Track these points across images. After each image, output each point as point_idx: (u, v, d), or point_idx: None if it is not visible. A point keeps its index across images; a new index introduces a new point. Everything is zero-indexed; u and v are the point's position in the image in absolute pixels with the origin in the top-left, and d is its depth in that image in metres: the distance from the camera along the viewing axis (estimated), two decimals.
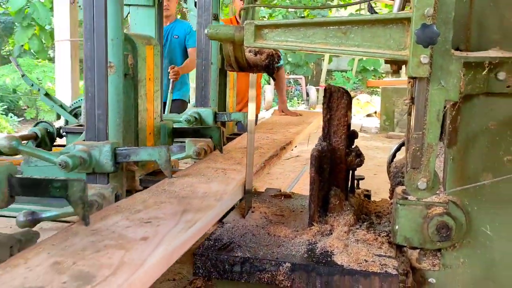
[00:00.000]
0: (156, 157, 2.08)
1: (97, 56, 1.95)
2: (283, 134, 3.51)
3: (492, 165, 1.58)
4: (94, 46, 1.94)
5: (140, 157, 2.08)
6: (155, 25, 2.51)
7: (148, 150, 2.10)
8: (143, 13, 2.61)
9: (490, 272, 1.62)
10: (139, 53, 2.42)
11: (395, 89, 10.45)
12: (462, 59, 1.41)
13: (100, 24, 1.94)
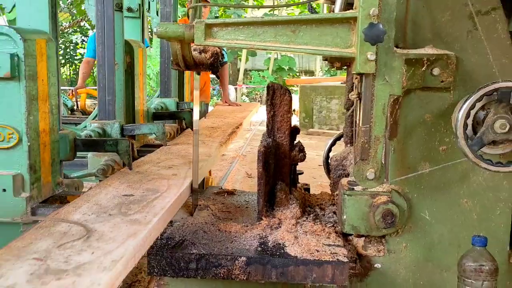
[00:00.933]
0: (154, 131, 2.79)
1: (107, 56, 2.64)
2: (233, 118, 4.38)
3: (429, 155, 1.71)
4: (105, 49, 2.63)
5: (142, 131, 2.80)
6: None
7: (149, 125, 2.86)
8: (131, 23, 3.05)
9: (430, 254, 1.75)
10: (135, 54, 3.12)
11: (313, 87, 10.79)
12: (403, 56, 1.51)
13: (109, 33, 2.62)
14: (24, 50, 1.92)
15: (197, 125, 2.07)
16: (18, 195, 1.94)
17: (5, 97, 1.93)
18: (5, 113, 1.93)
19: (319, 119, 10.50)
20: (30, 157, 1.97)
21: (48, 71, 2.07)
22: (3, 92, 1.92)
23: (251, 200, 2.27)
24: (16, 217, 1.94)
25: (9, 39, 1.91)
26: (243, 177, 6.02)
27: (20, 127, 1.94)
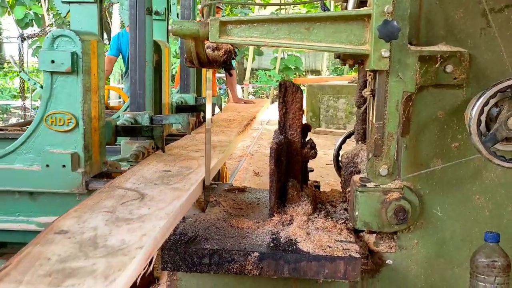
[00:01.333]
0: (180, 121, 3.11)
1: (139, 55, 2.92)
2: (246, 112, 4.85)
3: (441, 152, 1.72)
4: (137, 49, 2.91)
5: (169, 121, 3.13)
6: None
7: (175, 116, 3.23)
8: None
9: (441, 250, 1.76)
10: (162, 53, 3.42)
11: (320, 86, 10.79)
12: (417, 53, 1.52)
13: (141, 34, 2.91)
14: (81, 49, 2.28)
15: (210, 123, 2.09)
16: (75, 170, 2.32)
17: (65, 89, 2.31)
18: (66, 102, 2.31)
19: (326, 118, 10.50)
20: (85, 139, 2.35)
21: (98, 67, 2.42)
22: (64, 84, 2.30)
23: (262, 197, 2.28)
24: (73, 188, 2.32)
25: (70, 40, 2.28)
26: (251, 176, 6.03)
27: (77, 113, 2.32)
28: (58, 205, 2.34)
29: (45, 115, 2.33)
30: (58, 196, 2.36)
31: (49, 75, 2.30)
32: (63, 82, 2.30)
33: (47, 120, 2.32)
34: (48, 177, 2.31)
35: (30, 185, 2.35)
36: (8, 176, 2.35)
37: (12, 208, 2.40)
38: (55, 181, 2.32)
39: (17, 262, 1.24)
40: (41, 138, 2.34)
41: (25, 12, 16.18)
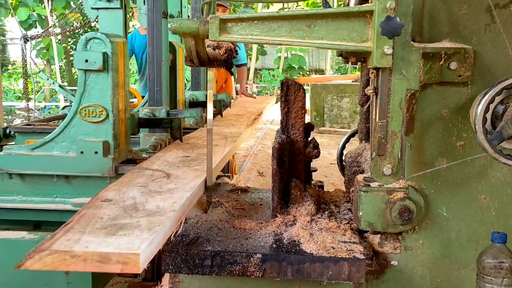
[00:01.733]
0: (194, 115, 3.57)
1: (156, 55, 3.27)
2: (253, 108, 5.29)
3: (446, 151, 1.69)
4: (154, 50, 3.25)
5: (184, 115, 3.52)
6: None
7: (189, 110, 3.68)
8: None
9: (447, 251, 1.73)
10: (177, 52, 3.77)
11: (324, 85, 10.75)
12: (421, 49, 1.49)
13: (158, 36, 3.26)
14: (111, 49, 2.56)
15: (211, 124, 2.07)
16: (106, 157, 2.60)
17: (97, 84, 2.60)
18: (97, 96, 2.60)
19: (330, 118, 10.46)
20: (114, 129, 2.64)
21: (124, 66, 2.72)
22: (96, 80, 2.60)
23: (265, 197, 2.26)
24: (104, 172, 2.61)
25: (101, 41, 2.56)
26: (255, 176, 6.01)
27: (107, 106, 2.60)
28: (91, 187, 2.63)
29: (79, 108, 2.63)
30: (91, 179, 2.66)
31: (83, 72, 2.60)
32: (95, 78, 2.60)
33: (81, 112, 2.63)
34: (82, 163, 2.62)
35: (66, 170, 2.67)
36: (47, 162, 2.66)
37: (50, 190, 2.71)
38: (88, 166, 2.62)
39: (77, 220, 1.55)
40: (75, 128, 2.65)
41: (29, 13, 16.22)
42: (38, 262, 1.35)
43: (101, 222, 1.54)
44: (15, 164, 2.67)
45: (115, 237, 1.41)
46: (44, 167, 2.66)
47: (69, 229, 1.49)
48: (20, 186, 2.72)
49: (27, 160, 2.66)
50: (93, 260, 1.34)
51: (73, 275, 2.24)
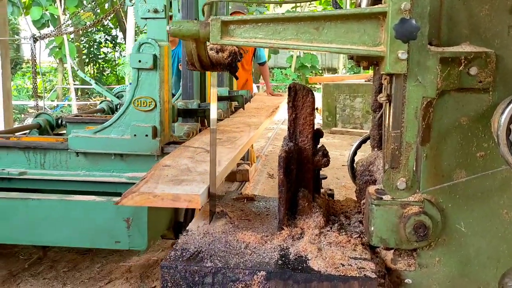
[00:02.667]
0: (221, 107, 4.43)
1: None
2: (271, 103, 6.00)
3: (465, 162, 1.57)
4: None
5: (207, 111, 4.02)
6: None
7: (218, 103, 3.84)
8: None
9: (466, 269, 1.61)
10: None
11: (336, 85, 10.60)
12: (438, 54, 1.38)
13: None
14: (159, 52, 3.24)
15: (215, 124, 1.98)
16: (154, 139, 3.28)
17: (148, 80, 3.29)
18: (148, 90, 3.29)
19: (342, 118, 10.31)
20: (160, 116, 3.33)
21: (168, 65, 3.37)
22: (147, 77, 3.29)
23: (271, 206, 2.16)
24: (152, 151, 3.28)
25: (151, 45, 3.26)
26: (265, 178, 5.90)
27: (156, 98, 3.29)
28: (142, 164, 3.32)
29: (133, 99, 3.30)
30: (141, 157, 3.33)
31: (136, 70, 3.28)
32: (146, 75, 3.28)
33: (135, 103, 3.30)
34: (135, 144, 3.28)
35: (121, 149, 3.33)
36: (106, 143, 3.33)
37: (108, 166, 3.39)
38: (140, 146, 3.28)
39: (150, 176, 2.19)
40: (130, 115, 3.32)
41: (42, 12, 16.26)
42: (131, 200, 2.03)
43: (167, 178, 2.28)
44: (81, 144, 3.36)
45: (180, 185, 2.12)
46: (104, 147, 3.33)
47: (146, 181, 2.20)
48: (83, 162, 3.42)
49: (90, 141, 3.35)
50: (168, 199, 2.02)
51: (133, 229, 2.74)
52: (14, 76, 18.38)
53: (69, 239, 2.83)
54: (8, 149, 3.44)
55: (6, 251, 3.62)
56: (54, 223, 2.79)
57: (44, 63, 20.32)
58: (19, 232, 2.83)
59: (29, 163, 3.46)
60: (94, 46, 22.77)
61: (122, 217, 2.72)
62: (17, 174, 3.37)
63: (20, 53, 22.93)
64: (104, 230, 2.77)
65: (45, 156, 3.45)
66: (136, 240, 2.75)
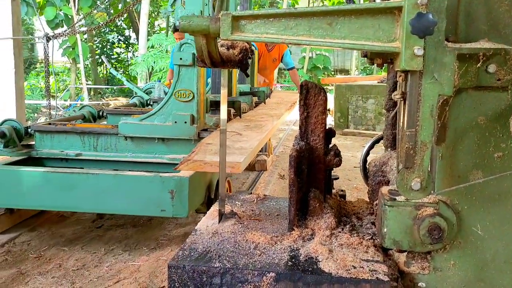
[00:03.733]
0: (246, 100, 5.18)
1: None
2: (289, 99, 6.93)
3: (482, 162, 1.52)
4: None
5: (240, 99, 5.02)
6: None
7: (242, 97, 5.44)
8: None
9: (482, 273, 1.56)
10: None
11: (348, 86, 10.53)
12: (456, 50, 1.33)
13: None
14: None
15: (225, 124, 1.95)
16: (192, 125, 3.93)
17: (187, 75, 3.95)
18: (187, 83, 3.94)
19: (354, 119, 10.24)
20: (197, 106, 3.95)
21: None
22: (186, 72, 3.95)
23: (282, 207, 2.12)
24: (190, 136, 3.93)
25: (191, 45, 3.84)
26: (276, 179, 5.86)
27: (193, 90, 3.94)
28: (181, 147, 3.97)
29: (174, 91, 3.94)
30: (181, 141, 3.97)
31: (177, 67, 3.94)
32: (185, 71, 3.94)
33: (176, 94, 3.94)
34: (176, 129, 3.92)
35: (164, 134, 3.97)
36: (151, 128, 3.98)
37: (152, 149, 4.03)
38: (180, 132, 3.92)
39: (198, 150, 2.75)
40: (171, 105, 3.95)
41: (56, 13, 16.37)
42: (186, 166, 2.91)
43: (212, 151, 3.11)
44: (129, 130, 4.00)
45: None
46: (148, 132, 3.97)
47: (196, 153, 3.03)
48: (130, 146, 4.06)
49: (137, 127, 3.99)
50: (215, 165, 2.81)
51: (176, 200, 3.31)
52: (28, 76, 18.52)
53: (123, 207, 3.42)
54: (67, 134, 4.14)
55: (16, 249, 3.62)
56: (110, 194, 3.37)
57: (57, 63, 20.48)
58: (80, 201, 3.43)
59: (84, 146, 4.13)
60: (107, 46, 22.88)
61: (167, 189, 3.31)
62: (74, 155, 4.09)
63: (34, 53, 23.12)
64: (151, 200, 3.33)
65: (98, 140, 4.11)
66: (179, 209, 3.32)
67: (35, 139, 4.18)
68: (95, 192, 3.37)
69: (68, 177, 3.43)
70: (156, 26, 23.52)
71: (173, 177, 3.32)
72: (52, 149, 4.13)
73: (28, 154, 4.07)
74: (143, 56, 16.06)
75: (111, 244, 3.76)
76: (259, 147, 3.60)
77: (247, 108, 5.20)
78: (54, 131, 4.15)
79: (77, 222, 4.30)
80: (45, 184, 3.42)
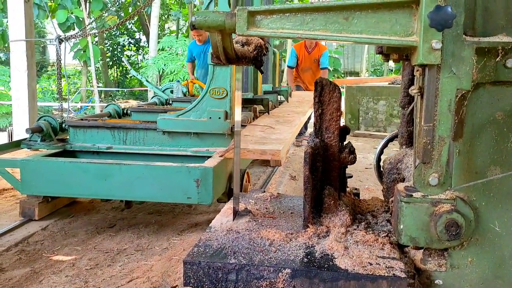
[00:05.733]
0: (271, 99, 5.46)
1: None
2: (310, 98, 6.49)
3: (500, 158, 1.51)
4: None
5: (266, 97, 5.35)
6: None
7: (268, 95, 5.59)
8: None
9: (500, 270, 1.54)
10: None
11: (359, 87, 10.49)
12: (474, 44, 1.32)
13: None
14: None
15: (239, 126, 1.95)
16: (225, 120, 4.20)
17: (221, 74, 4.18)
18: (221, 81, 4.19)
19: (365, 121, 10.19)
20: (230, 103, 4.17)
21: None
22: (220, 71, 4.17)
23: (296, 205, 2.11)
24: (224, 131, 4.19)
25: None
26: (287, 180, 5.85)
27: (227, 87, 4.18)
28: (215, 141, 4.26)
29: (209, 89, 4.19)
30: (215, 135, 4.25)
31: (212, 66, 4.18)
32: (220, 70, 4.16)
33: (210, 92, 4.18)
34: (210, 124, 4.21)
35: (199, 129, 4.26)
36: (187, 124, 4.27)
37: (187, 143, 4.32)
38: (214, 127, 4.20)
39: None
40: (206, 102, 4.22)
41: (67, 15, 16.48)
42: (231, 154, 3.37)
43: (251, 142, 3.43)
44: (166, 125, 4.29)
45: (264, 145, 3.13)
46: (185, 127, 4.26)
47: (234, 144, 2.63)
48: (168, 140, 4.35)
49: (174, 122, 4.28)
50: (257, 153, 3.24)
51: (201, 188, 3.56)
52: (40, 79, 18.66)
53: (152, 195, 3.73)
54: (98, 128, 4.47)
55: (30, 248, 3.64)
56: (141, 183, 3.66)
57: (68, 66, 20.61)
58: (114, 189, 3.74)
59: (114, 140, 4.43)
60: (118, 49, 23.02)
61: (193, 178, 3.56)
62: (105, 148, 4.41)
63: (46, 56, 23.31)
64: (178, 188, 3.61)
65: (127, 134, 4.42)
66: (204, 197, 3.58)
67: (69, 134, 4.52)
68: (127, 181, 3.67)
69: (103, 167, 3.73)
70: (167, 28, 23.62)
71: (199, 167, 3.57)
72: (85, 142, 4.48)
73: (63, 147, 4.40)
74: (153, 58, 16.13)
75: (123, 243, 3.76)
76: (292, 137, 4.16)
77: (272, 106, 5.55)
78: (87, 126, 4.48)
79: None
80: (81, 174, 3.75)
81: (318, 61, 8.38)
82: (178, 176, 3.60)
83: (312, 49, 8.35)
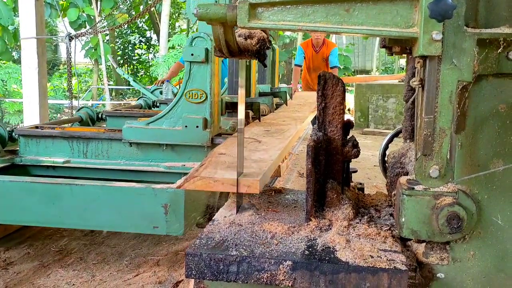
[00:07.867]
0: (266, 101, 4.63)
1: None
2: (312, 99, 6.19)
3: (502, 151, 1.49)
4: None
5: (259, 100, 4.39)
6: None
7: (262, 98, 4.75)
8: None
9: (502, 264, 1.54)
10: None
11: (369, 85, 10.46)
12: (476, 35, 1.31)
13: None
14: (211, 46, 3.30)
15: (243, 124, 1.95)
16: (205, 130, 3.38)
17: (200, 73, 3.36)
18: (199, 82, 3.37)
19: (375, 119, 10.16)
20: (211, 108, 3.39)
21: (218, 59, 3.44)
22: (198, 70, 3.36)
23: (299, 199, 2.11)
24: (203, 142, 3.38)
25: (204, 39, 3.33)
26: (295, 177, 5.85)
27: (207, 90, 3.37)
28: (192, 154, 3.45)
29: (184, 91, 3.38)
30: (192, 148, 3.43)
31: (188, 64, 3.36)
32: (197, 68, 3.36)
33: (186, 95, 3.38)
34: (186, 134, 3.38)
35: (173, 140, 3.43)
36: (158, 133, 3.44)
37: (158, 157, 3.51)
38: (191, 137, 3.38)
39: (208, 163, 2.20)
40: (181, 107, 3.41)
41: (78, 14, 16.58)
42: (192, 184, 2.04)
43: (225, 165, 2.32)
44: (134, 135, 3.47)
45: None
46: (156, 138, 3.45)
47: (205, 167, 2.23)
48: (136, 153, 3.56)
49: (143, 132, 3.46)
50: (228, 184, 2.02)
51: (170, 215, 2.80)
52: (52, 77, 18.80)
53: (111, 223, 2.92)
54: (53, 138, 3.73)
55: (38, 243, 3.68)
56: (96, 208, 2.88)
57: (79, 64, 20.74)
58: (65, 216, 2.92)
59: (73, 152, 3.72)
60: (129, 47, 23.12)
61: (160, 203, 2.79)
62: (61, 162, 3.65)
63: (58, 54, 23.48)
64: (143, 216, 2.84)
65: (87, 145, 3.69)
66: (173, 226, 2.81)
67: (20, 145, 3.76)
68: (80, 206, 2.91)
69: (51, 188, 2.93)
70: (177, 27, 23.67)
71: (167, 189, 2.80)
72: (38, 155, 3.69)
73: (11, 161, 3.64)
74: (163, 57, 16.19)
75: (130, 238, 3.79)
76: (280, 157, 2.83)
77: (267, 110, 4.71)
78: (40, 136, 3.71)
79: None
80: (26, 196, 2.96)
81: (327, 60, 8.03)
82: (141, 200, 2.83)
83: (320, 48, 7.99)
